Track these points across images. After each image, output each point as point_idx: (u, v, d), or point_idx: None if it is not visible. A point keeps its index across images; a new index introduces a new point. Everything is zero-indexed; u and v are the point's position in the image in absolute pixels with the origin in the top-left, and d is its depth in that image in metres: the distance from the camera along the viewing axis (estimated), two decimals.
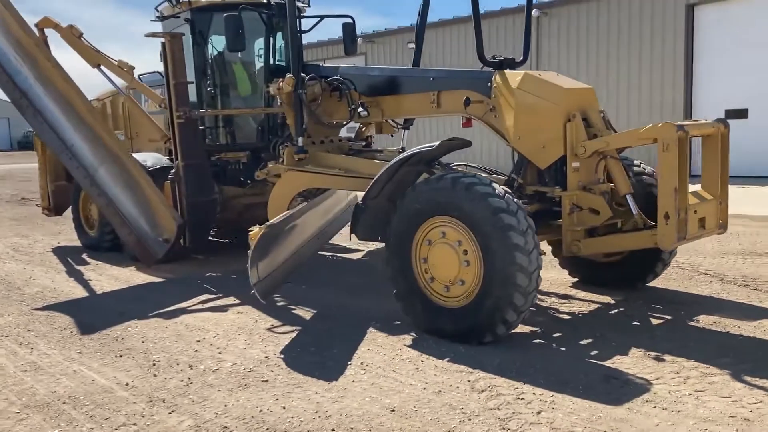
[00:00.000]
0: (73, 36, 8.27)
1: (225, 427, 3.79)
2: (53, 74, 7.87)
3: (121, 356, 5.05)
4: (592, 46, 18.89)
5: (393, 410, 3.92)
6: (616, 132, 5.52)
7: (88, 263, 8.74)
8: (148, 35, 7.66)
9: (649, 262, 6.09)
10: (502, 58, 5.91)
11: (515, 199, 4.84)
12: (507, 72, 5.77)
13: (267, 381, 4.45)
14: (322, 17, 8.29)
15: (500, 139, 5.91)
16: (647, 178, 5.89)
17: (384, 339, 5.23)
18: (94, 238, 9.62)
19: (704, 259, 7.66)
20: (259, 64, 8.24)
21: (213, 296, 6.77)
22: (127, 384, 4.48)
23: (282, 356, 4.92)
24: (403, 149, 7.59)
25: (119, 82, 8.80)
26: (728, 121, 5.38)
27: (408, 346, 5.02)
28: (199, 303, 6.54)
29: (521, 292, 4.69)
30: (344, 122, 7.17)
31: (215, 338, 5.40)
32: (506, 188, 4.96)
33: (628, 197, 5.37)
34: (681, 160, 4.70)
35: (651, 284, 6.40)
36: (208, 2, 8.05)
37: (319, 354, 4.93)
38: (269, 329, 5.61)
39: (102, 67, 8.26)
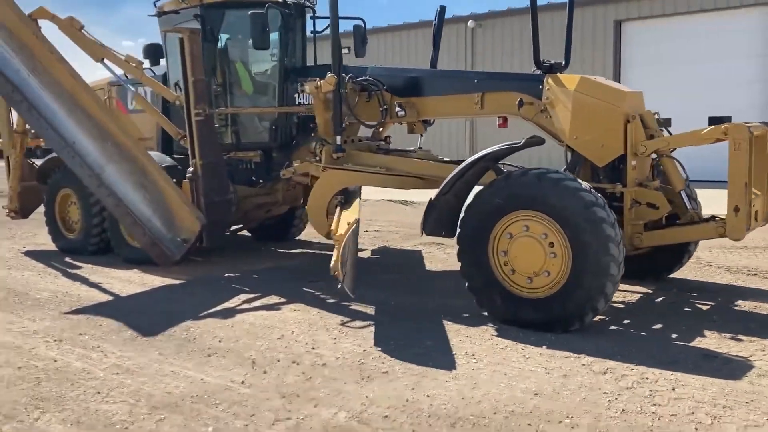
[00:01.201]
0: (73, 29, 7.83)
1: (386, 416, 3.81)
2: (53, 66, 7.45)
3: (209, 356, 4.90)
4: (526, 57, 19.69)
5: (536, 394, 4.08)
6: (669, 132, 5.92)
7: (80, 267, 8.28)
8: (167, 31, 7.40)
9: (677, 253, 6.55)
10: (551, 62, 6.20)
11: (599, 194, 5.13)
12: (561, 75, 6.07)
13: (387, 373, 4.48)
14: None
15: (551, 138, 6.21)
16: None
17: (466, 330, 5.35)
18: (76, 240, 9.12)
19: (699, 253, 8.27)
20: (271, 62, 8.13)
21: (253, 295, 6.64)
22: (243, 382, 4.38)
23: (380, 349, 4.94)
24: (420, 149, 7.76)
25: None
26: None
27: (497, 336, 5.18)
28: (244, 302, 6.40)
29: (612, 281, 4.97)
30: (376, 122, 7.21)
31: (294, 335, 5.34)
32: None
33: (683, 193, 5.79)
34: (749, 157, 5.17)
35: (670, 275, 6.87)
36: None
37: (416, 346, 4.99)
38: (342, 324, 5.60)
39: (106, 61, 7.87)
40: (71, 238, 9.26)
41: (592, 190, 5.09)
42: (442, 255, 8.65)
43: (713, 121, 5.61)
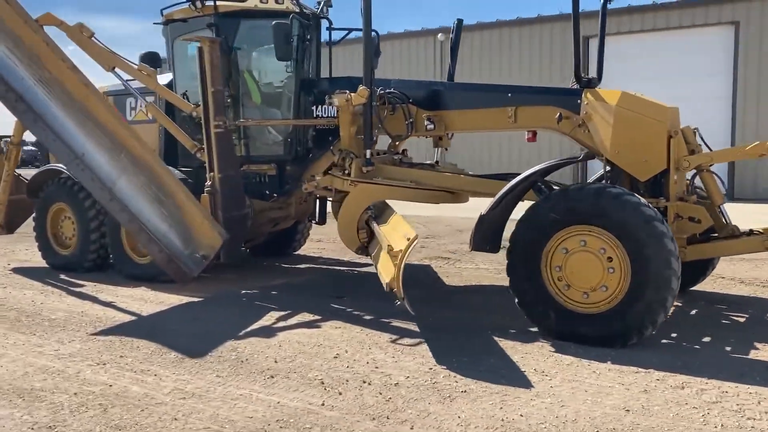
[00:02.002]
0: (83, 36, 7.50)
1: None
2: (64, 75, 7.12)
3: (272, 377, 4.73)
4: (495, 71, 20.00)
5: (627, 410, 4.07)
6: (709, 148, 6.05)
7: (82, 284, 7.92)
8: (185, 39, 7.18)
9: (702, 266, 6.69)
10: (588, 78, 6.27)
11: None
12: (600, 90, 6.14)
13: (466, 392, 4.40)
14: (350, 30, 8.24)
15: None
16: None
17: (522, 347, 5.32)
18: (71, 257, 8.73)
19: None
20: (287, 74, 7.97)
21: (283, 312, 6.45)
22: (323, 404, 4.23)
23: (446, 367, 4.86)
24: (437, 163, 7.73)
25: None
26: None
27: (556, 352, 5.16)
28: (279, 320, 6.22)
29: (672, 294, 5.03)
30: (404, 136, 7.15)
31: (349, 353, 5.21)
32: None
33: (722, 207, 5.92)
34: None
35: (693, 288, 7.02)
36: (237, 8, 7.69)
37: (481, 364, 4.93)
38: (393, 342, 5.49)
39: (117, 70, 7.56)
40: (64, 255, 8.86)
41: (650, 204, 5.15)
42: (453, 269, 8.63)
43: None
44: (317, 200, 8.51)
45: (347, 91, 6.83)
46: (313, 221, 8.84)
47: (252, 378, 4.72)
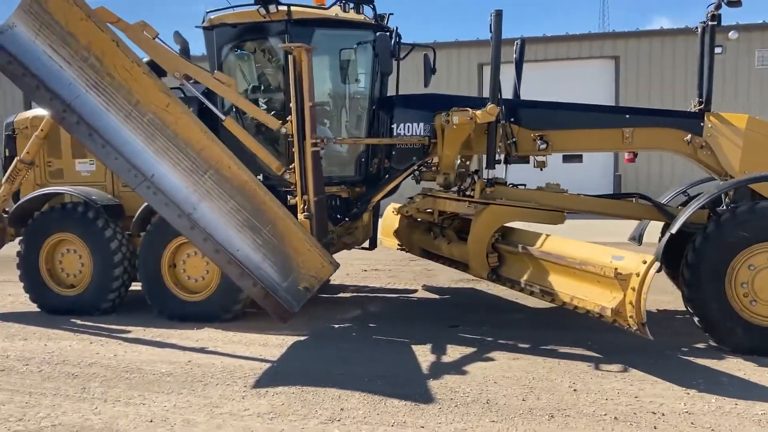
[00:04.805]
0: (145, 36, 6.32)
1: None
2: (132, 80, 5.98)
3: (552, 417, 4.32)
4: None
5: None
6: None
7: (123, 329, 6.68)
8: (283, 47, 6.37)
9: None
10: (704, 101, 6.57)
11: None
12: (724, 114, 6.46)
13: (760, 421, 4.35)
14: (413, 46, 7.85)
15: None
16: None
17: (719, 363, 5.37)
18: (80, 298, 7.32)
19: None
20: (359, 89, 7.38)
21: (427, 346, 5.94)
22: None
23: (696, 391, 4.77)
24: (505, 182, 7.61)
25: None
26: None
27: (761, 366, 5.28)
28: (441, 354, 5.71)
29: None
30: (518, 155, 6.92)
31: (584, 385, 4.91)
32: None
33: None
34: None
35: None
36: (314, 15, 7.00)
37: (717, 385, 4.91)
38: (597, 368, 5.28)
39: (187, 77, 6.45)
40: (68, 296, 7.41)
41: None
42: (502, 289, 8.47)
43: (566, 158, 6.37)
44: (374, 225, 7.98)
45: (469, 109, 6.50)
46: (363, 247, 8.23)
47: (538, 420, 4.27)
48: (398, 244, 8.32)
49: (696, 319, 5.66)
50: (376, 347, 5.99)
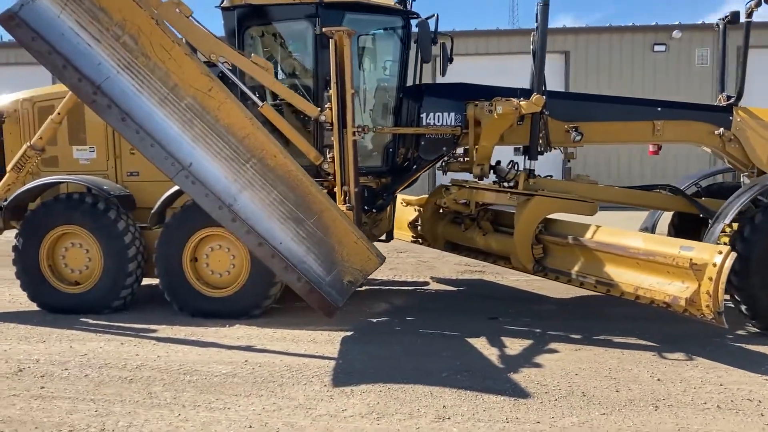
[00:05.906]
0: (179, 15, 5.87)
1: None
2: (172, 62, 5.56)
3: (657, 408, 4.33)
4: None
5: None
6: None
7: (147, 329, 6.25)
8: (326, 31, 6.08)
9: None
10: (734, 97, 6.77)
11: None
12: (752, 108, 6.68)
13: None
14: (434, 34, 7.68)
15: None
16: None
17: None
18: (88, 295, 6.80)
19: None
20: (388, 77, 7.18)
21: (481, 340, 5.86)
22: None
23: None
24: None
25: None
26: None
27: None
28: (506, 348, 5.64)
29: None
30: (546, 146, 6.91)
31: (663, 374, 4.96)
32: None
33: None
34: None
35: None
36: None
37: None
38: (663, 357, 5.35)
39: (222, 60, 6.04)
40: (74, 293, 6.87)
41: None
42: (510, 279, 8.51)
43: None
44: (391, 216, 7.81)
45: (513, 99, 6.44)
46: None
47: (646, 411, 4.27)
48: (412, 236, 8.20)
49: (743, 307, 5.82)
50: (433, 341, 5.85)
